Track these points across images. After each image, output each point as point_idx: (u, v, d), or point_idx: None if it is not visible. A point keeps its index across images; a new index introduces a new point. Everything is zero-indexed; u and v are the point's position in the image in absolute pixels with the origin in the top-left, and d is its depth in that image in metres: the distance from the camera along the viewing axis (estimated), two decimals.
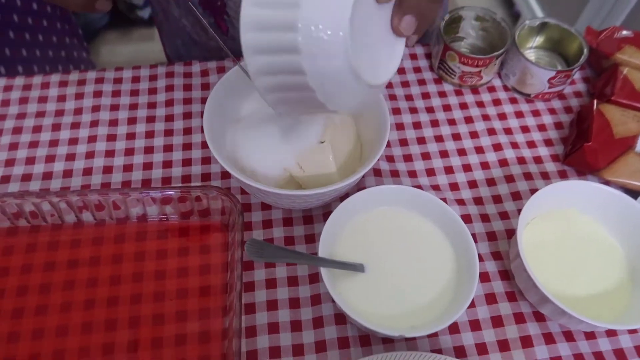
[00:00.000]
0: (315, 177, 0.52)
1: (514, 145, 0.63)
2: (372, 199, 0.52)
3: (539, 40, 0.69)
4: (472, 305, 0.52)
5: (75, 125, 0.62)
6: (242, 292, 0.50)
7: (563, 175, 0.62)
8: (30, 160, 0.60)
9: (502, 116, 0.66)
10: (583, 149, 0.59)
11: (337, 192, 0.50)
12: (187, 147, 0.61)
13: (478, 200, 0.59)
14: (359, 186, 0.56)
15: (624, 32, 0.66)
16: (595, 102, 0.61)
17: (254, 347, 0.49)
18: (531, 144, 0.64)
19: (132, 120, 0.63)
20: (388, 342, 0.50)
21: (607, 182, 0.59)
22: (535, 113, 0.67)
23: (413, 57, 0.71)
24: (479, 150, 0.63)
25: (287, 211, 0.57)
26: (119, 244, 0.54)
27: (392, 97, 0.67)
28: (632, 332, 0.52)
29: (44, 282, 0.51)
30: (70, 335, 0.49)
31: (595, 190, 0.54)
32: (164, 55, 0.88)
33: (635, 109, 0.62)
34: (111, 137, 0.62)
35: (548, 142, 0.64)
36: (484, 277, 0.54)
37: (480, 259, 0.55)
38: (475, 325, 0.51)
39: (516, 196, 0.59)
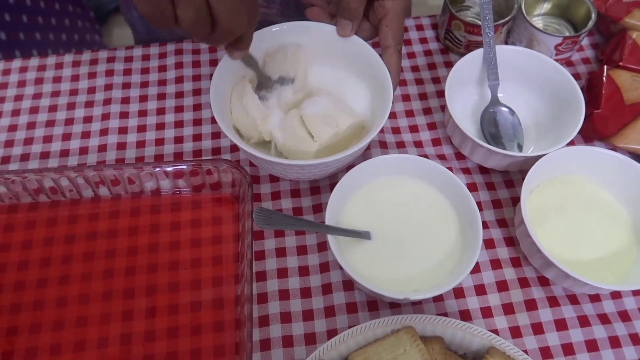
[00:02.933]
0: (295, 152, 0.53)
1: None
2: (377, 168, 0.53)
3: (546, 7, 0.68)
4: (477, 270, 0.53)
5: (89, 104, 0.64)
6: (253, 261, 0.52)
7: (570, 143, 0.62)
8: (47, 139, 0.62)
9: None
10: (592, 117, 0.59)
11: (341, 162, 0.51)
12: (197, 122, 0.63)
13: (484, 169, 0.60)
14: (366, 158, 0.57)
15: None
16: (605, 67, 0.61)
17: (265, 313, 0.51)
18: None
19: (143, 98, 0.65)
20: (395, 307, 0.52)
21: (614, 148, 0.59)
22: None
23: (419, 27, 0.71)
24: None
25: (294, 182, 0.58)
26: (134, 217, 0.56)
27: None
28: (636, 294, 0.52)
29: (65, 254, 0.54)
30: (91, 303, 0.52)
31: (599, 156, 0.54)
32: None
33: None
34: (124, 115, 0.63)
35: None
36: (489, 243, 0.55)
37: (486, 226, 0.56)
38: (480, 289, 0.53)
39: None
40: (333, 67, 0.59)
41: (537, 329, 0.50)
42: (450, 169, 0.57)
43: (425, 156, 0.58)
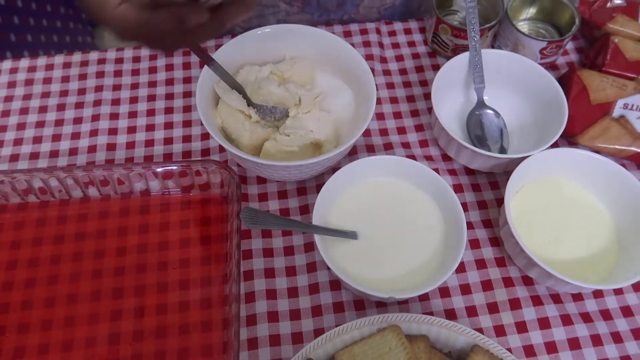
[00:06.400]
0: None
1: None
2: (364, 169, 0.54)
3: (531, 11, 0.69)
4: (463, 270, 0.54)
5: (79, 105, 0.65)
6: (241, 260, 0.53)
7: (554, 145, 0.62)
8: (37, 140, 0.62)
9: None
10: None
11: (324, 164, 0.53)
12: (187, 124, 0.63)
13: (469, 171, 0.61)
14: (352, 161, 0.58)
15: (617, 2, 0.66)
16: (575, 68, 0.62)
17: (253, 312, 0.51)
18: None
19: (133, 99, 0.65)
20: (381, 306, 0.52)
21: (576, 146, 0.60)
22: None
23: (407, 31, 0.72)
24: None
25: (281, 184, 0.59)
26: (123, 217, 0.56)
27: (386, 72, 0.68)
28: (617, 293, 0.53)
29: (54, 254, 0.54)
30: (80, 303, 0.52)
31: (582, 158, 0.55)
32: None
33: (626, 78, 0.62)
34: (114, 116, 0.64)
35: None
36: (475, 243, 0.56)
37: (471, 226, 0.57)
38: (465, 289, 0.53)
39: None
40: (319, 70, 0.60)
41: (521, 327, 0.51)
42: (436, 170, 0.57)
43: (413, 157, 0.59)
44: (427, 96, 0.66)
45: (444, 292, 0.53)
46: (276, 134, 0.54)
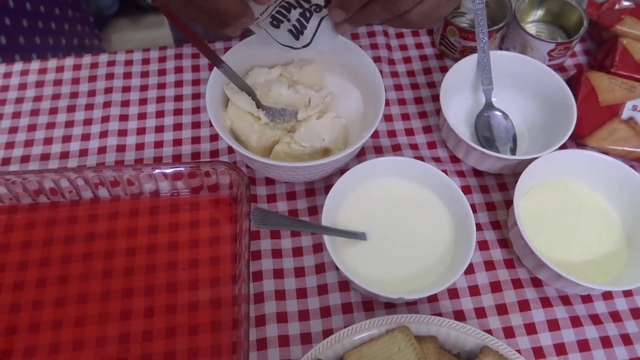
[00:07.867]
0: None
1: None
2: (372, 170, 0.54)
3: (539, 13, 0.69)
4: (472, 271, 0.54)
5: (89, 107, 0.65)
6: (250, 261, 0.53)
7: (562, 146, 0.62)
8: (47, 141, 0.63)
9: None
10: None
11: (333, 165, 0.53)
12: (195, 125, 0.64)
13: (478, 172, 0.61)
14: (361, 162, 0.58)
15: (625, 3, 0.66)
16: (584, 70, 0.62)
17: (262, 313, 0.51)
18: None
19: (143, 101, 0.66)
20: (390, 307, 0.52)
21: (586, 148, 0.60)
22: None
23: (415, 33, 0.72)
24: None
25: (290, 185, 0.59)
26: (133, 218, 0.57)
27: (394, 74, 0.68)
28: (627, 295, 0.53)
29: (64, 254, 0.55)
30: (90, 303, 0.52)
31: (591, 159, 0.55)
32: (172, 42, 0.90)
33: (635, 79, 0.62)
34: (123, 117, 0.64)
35: None
36: (483, 245, 0.56)
37: (480, 228, 0.57)
38: (474, 290, 0.53)
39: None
40: (328, 72, 0.60)
41: (530, 329, 0.51)
42: (445, 171, 0.57)
43: (421, 158, 0.60)
44: (435, 98, 0.66)
45: (453, 293, 0.53)
46: (291, 143, 0.54)
